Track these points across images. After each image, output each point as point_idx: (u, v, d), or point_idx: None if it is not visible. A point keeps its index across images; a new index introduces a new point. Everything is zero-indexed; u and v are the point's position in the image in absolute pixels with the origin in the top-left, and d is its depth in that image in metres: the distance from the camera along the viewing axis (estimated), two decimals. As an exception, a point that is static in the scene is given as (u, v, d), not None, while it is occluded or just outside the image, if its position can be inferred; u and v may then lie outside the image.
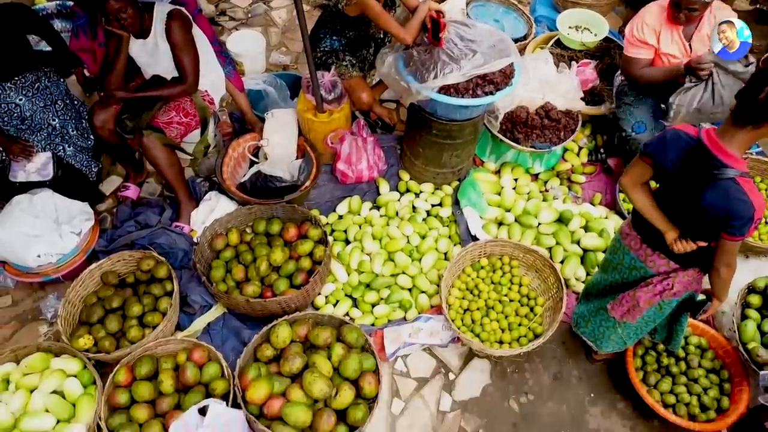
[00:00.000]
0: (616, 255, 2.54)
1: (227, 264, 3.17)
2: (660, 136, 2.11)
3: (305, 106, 3.50)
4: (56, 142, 3.13)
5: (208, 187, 3.59)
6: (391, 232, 3.36)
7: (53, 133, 3.11)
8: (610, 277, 2.61)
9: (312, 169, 3.44)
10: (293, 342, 2.81)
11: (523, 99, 3.54)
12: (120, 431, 2.51)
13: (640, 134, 3.42)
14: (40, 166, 3.08)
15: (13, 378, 2.70)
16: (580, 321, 2.88)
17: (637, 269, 2.43)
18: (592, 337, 2.82)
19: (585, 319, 2.83)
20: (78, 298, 3.00)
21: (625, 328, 2.62)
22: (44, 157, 3.09)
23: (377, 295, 3.19)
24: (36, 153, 3.13)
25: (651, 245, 2.34)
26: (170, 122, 3.19)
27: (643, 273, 2.40)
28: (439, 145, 3.39)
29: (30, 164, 3.06)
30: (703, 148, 1.97)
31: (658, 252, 2.32)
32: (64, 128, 3.14)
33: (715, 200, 1.94)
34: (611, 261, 2.59)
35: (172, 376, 2.68)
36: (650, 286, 2.36)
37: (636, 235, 2.39)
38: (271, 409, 2.53)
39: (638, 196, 2.28)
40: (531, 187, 3.69)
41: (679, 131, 2.06)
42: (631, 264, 2.45)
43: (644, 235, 2.35)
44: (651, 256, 2.35)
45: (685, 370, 2.93)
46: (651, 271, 2.37)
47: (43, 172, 3.07)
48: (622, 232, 2.49)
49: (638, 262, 2.41)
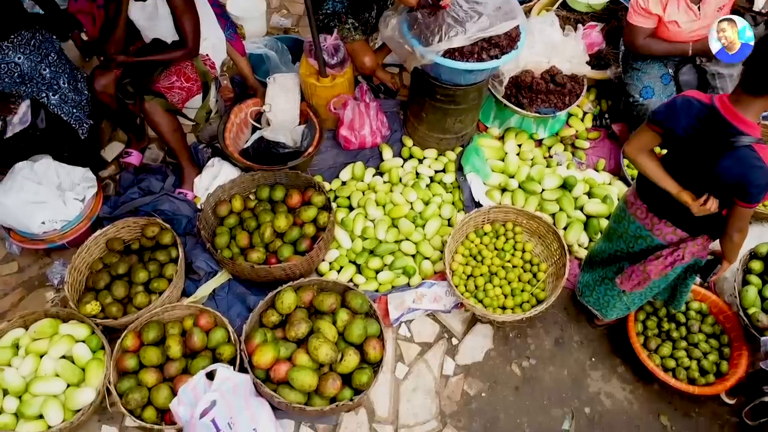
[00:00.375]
0: (620, 224, 2.54)
1: (231, 231, 3.18)
2: (669, 103, 2.09)
3: (308, 71, 3.46)
4: (41, 89, 3.05)
5: (210, 153, 3.58)
6: (395, 198, 3.36)
7: (41, 82, 3.04)
8: (615, 245, 2.62)
9: (315, 135, 3.41)
10: (298, 308, 2.84)
11: (528, 63, 3.49)
12: (130, 394, 2.56)
13: (648, 100, 3.38)
14: (21, 114, 3.01)
15: (22, 343, 2.74)
16: (585, 290, 2.90)
17: (643, 238, 2.43)
18: (597, 305, 2.85)
19: (590, 288, 2.85)
20: (84, 265, 3.02)
21: (630, 296, 2.64)
22: (24, 106, 3.02)
23: (381, 262, 3.20)
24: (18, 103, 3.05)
25: (657, 214, 2.33)
26: (172, 87, 3.15)
27: (650, 242, 2.40)
28: (443, 110, 3.36)
29: (15, 116, 3.00)
30: (718, 115, 1.94)
31: (665, 220, 2.31)
32: (54, 79, 3.07)
33: (732, 168, 1.93)
34: (616, 230, 2.58)
35: (179, 341, 2.72)
36: (660, 259, 2.35)
37: (641, 204, 2.38)
38: (278, 374, 2.57)
39: (646, 162, 2.25)
40: (535, 153, 3.67)
41: (690, 98, 2.04)
42: (636, 233, 2.45)
43: (650, 203, 2.34)
44: (657, 225, 2.34)
45: (686, 335, 2.97)
46: (657, 239, 2.37)
47: (23, 119, 3.00)
48: (626, 201, 2.47)
49: (644, 230, 2.41)
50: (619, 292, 2.67)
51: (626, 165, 3.58)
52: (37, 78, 3.06)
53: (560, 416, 2.88)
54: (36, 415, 2.54)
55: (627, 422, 2.87)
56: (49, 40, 3.08)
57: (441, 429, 2.81)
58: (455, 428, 2.82)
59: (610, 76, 3.88)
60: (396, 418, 2.84)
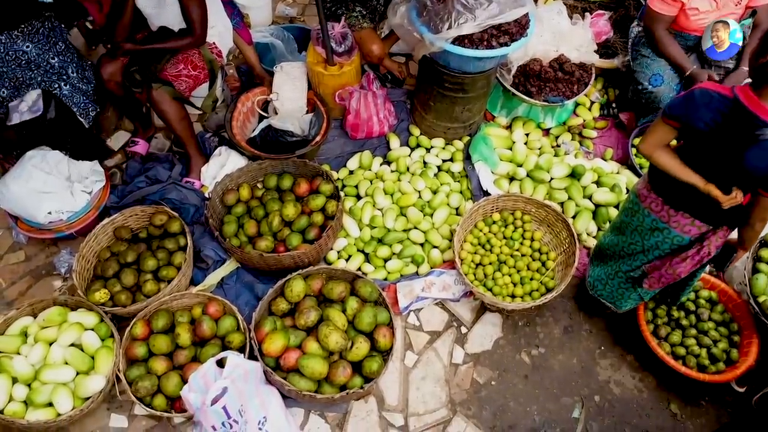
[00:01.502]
0: (634, 217, 2.49)
1: (239, 219, 3.17)
2: (686, 96, 2.05)
3: (315, 59, 3.44)
4: (53, 79, 3.04)
5: (217, 142, 3.56)
6: (403, 187, 3.34)
7: (50, 71, 3.03)
8: (629, 239, 2.58)
9: (322, 124, 3.40)
10: (307, 296, 2.83)
11: (537, 51, 3.47)
12: (139, 382, 2.55)
13: (657, 87, 3.36)
14: (31, 103, 2.98)
15: (31, 331, 2.72)
16: (597, 284, 2.87)
17: (659, 230, 2.39)
18: (611, 298, 2.83)
19: (602, 282, 2.83)
20: (91, 253, 3.01)
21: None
22: (35, 94, 2.99)
23: (389, 250, 3.19)
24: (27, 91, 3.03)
25: (674, 206, 2.29)
26: (179, 75, 3.13)
27: (666, 234, 2.37)
28: (451, 98, 3.35)
29: (22, 104, 2.98)
30: (741, 107, 1.91)
31: (682, 212, 2.28)
32: (63, 68, 3.06)
33: (759, 160, 1.90)
34: (629, 223, 2.54)
35: (189, 329, 2.71)
36: (688, 259, 2.34)
37: (656, 197, 2.34)
38: (288, 361, 2.56)
39: (664, 158, 2.21)
40: (542, 142, 3.66)
41: (709, 90, 2.00)
42: (652, 225, 2.42)
43: (666, 196, 2.31)
44: (674, 217, 2.31)
45: (695, 323, 2.96)
46: (675, 231, 2.34)
47: (33, 108, 2.97)
48: (639, 195, 2.43)
49: (660, 223, 2.37)
50: (633, 283, 2.65)
51: (634, 154, 3.56)
52: (45, 66, 3.04)
53: (570, 404, 2.87)
54: (45, 402, 2.53)
55: (637, 410, 2.87)
56: (58, 28, 3.06)
57: (451, 417, 2.81)
58: (465, 416, 2.81)
59: (618, 65, 3.86)
60: (405, 407, 2.83)
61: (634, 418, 2.85)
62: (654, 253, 2.49)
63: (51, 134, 3.14)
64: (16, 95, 3.05)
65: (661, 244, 2.44)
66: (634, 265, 2.62)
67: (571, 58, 3.48)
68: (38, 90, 3.03)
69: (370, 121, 3.57)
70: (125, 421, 2.75)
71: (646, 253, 2.53)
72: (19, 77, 3.01)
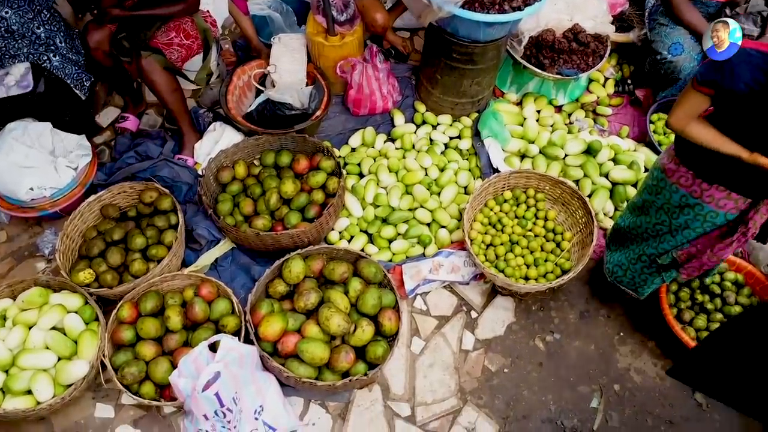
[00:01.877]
0: (659, 195, 2.29)
1: (234, 198, 2.98)
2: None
3: (315, 29, 3.25)
4: (40, 51, 2.85)
5: (212, 118, 3.37)
6: (409, 164, 3.15)
7: (37, 41, 2.83)
8: (654, 218, 2.37)
9: (323, 98, 3.21)
10: (307, 277, 2.64)
11: (550, 21, 3.28)
12: (126, 368, 2.37)
13: (677, 57, 3.17)
14: (19, 77, 2.78)
15: (9, 314, 2.54)
16: (617, 270, 2.67)
17: (690, 206, 2.20)
18: (632, 285, 2.63)
19: (623, 268, 2.62)
20: (77, 233, 2.82)
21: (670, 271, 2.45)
22: (23, 68, 2.79)
23: (394, 230, 3.00)
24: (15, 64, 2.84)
25: (707, 179, 2.10)
26: (170, 43, 2.94)
27: (698, 210, 2.17)
28: (460, 70, 3.15)
29: (8, 77, 2.78)
30: None
31: (716, 185, 2.09)
32: (50, 39, 2.87)
33: None
34: (654, 202, 2.34)
35: (180, 312, 2.53)
36: (734, 243, 2.16)
37: (686, 171, 2.14)
38: (286, 346, 2.38)
39: (700, 131, 2.00)
40: (555, 119, 3.47)
41: (747, 49, 1.81)
42: (681, 202, 2.22)
43: (697, 169, 2.11)
44: (708, 191, 2.11)
45: (721, 307, 2.77)
46: (708, 206, 2.14)
47: (22, 83, 2.77)
48: (666, 170, 2.23)
49: (691, 198, 2.17)
50: (658, 268, 2.46)
51: (653, 131, 3.37)
52: (31, 37, 2.86)
53: (588, 393, 2.69)
54: (24, 390, 2.35)
55: (659, 399, 2.68)
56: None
57: (461, 406, 2.62)
58: (476, 406, 2.63)
59: (633, 39, 3.67)
60: (412, 396, 2.65)
61: (656, 407, 2.66)
62: (684, 233, 2.29)
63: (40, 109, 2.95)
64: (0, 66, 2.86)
65: (692, 222, 2.24)
66: (661, 248, 2.42)
67: (586, 28, 3.29)
68: (26, 63, 2.84)
69: (373, 96, 3.38)
70: (111, 410, 2.56)
71: (674, 233, 2.33)
72: (1, 47, 2.82)
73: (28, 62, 2.85)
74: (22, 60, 2.84)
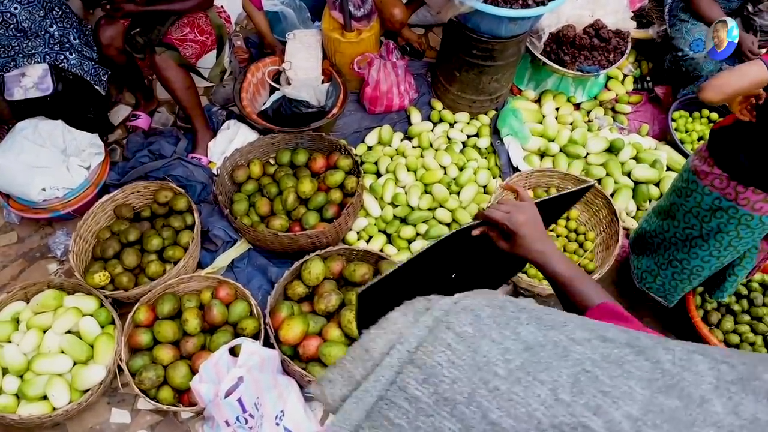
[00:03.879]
0: (689, 198, 2.21)
1: (250, 198, 2.91)
2: None
3: (331, 25, 3.18)
4: (56, 50, 2.78)
5: (225, 116, 3.30)
6: (427, 162, 3.09)
7: (51, 41, 2.76)
8: (683, 223, 2.29)
9: (339, 95, 3.14)
10: (327, 279, 2.58)
11: (570, 17, 3.21)
12: (143, 373, 2.30)
13: (699, 53, 3.11)
14: (38, 79, 2.70)
15: (23, 317, 2.47)
16: (647, 276, 2.59)
17: (723, 209, 2.12)
18: (662, 292, 2.55)
19: (653, 274, 2.54)
20: (90, 233, 2.75)
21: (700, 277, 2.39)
22: (41, 69, 2.71)
23: (414, 230, 2.94)
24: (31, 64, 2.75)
25: (743, 181, 2.02)
26: (185, 39, 2.88)
27: (732, 213, 2.10)
28: (479, 67, 3.09)
29: (26, 78, 2.70)
30: None
31: (752, 188, 2.02)
32: (64, 37, 2.79)
33: None
34: (683, 205, 2.25)
35: (197, 315, 2.46)
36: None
37: (721, 173, 2.06)
38: (308, 349, 2.31)
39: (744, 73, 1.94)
40: (574, 117, 3.40)
41: None
42: (713, 205, 2.14)
43: (732, 171, 2.03)
44: (743, 193, 2.03)
45: (748, 309, 2.71)
46: (743, 209, 2.07)
47: (41, 86, 2.70)
48: (698, 173, 2.14)
49: (725, 201, 2.09)
50: (690, 274, 2.39)
51: (674, 128, 3.31)
52: (45, 36, 2.79)
53: (614, 397, 2.62)
54: (39, 395, 2.28)
55: (687, 403, 2.62)
56: None
57: (485, 411, 2.56)
58: (500, 410, 2.56)
59: (653, 35, 3.61)
60: (435, 400, 2.58)
61: (684, 411, 2.60)
62: (716, 237, 2.23)
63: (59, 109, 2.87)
64: (13, 65, 2.78)
65: (724, 225, 2.16)
66: (693, 253, 2.35)
67: (607, 24, 3.22)
68: (43, 65, 2.76)
69: (389, 93, 3.31)
70: (128, 416, 2.50)
71: (705, 237, 2.26)
72: (14, 45, 2.75)
73: (46, 63, 2.77)
74: (38, 61, 2.77)
